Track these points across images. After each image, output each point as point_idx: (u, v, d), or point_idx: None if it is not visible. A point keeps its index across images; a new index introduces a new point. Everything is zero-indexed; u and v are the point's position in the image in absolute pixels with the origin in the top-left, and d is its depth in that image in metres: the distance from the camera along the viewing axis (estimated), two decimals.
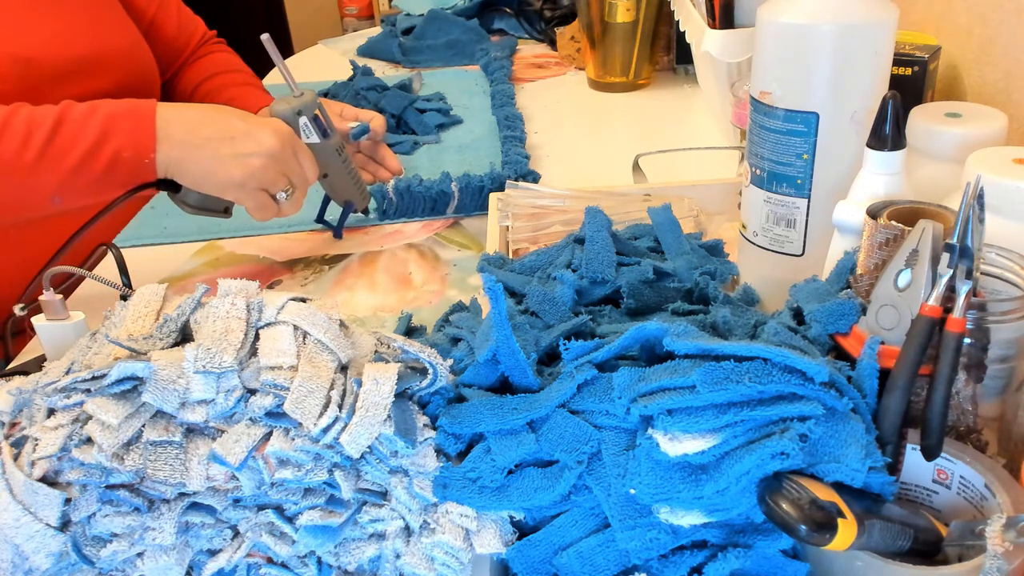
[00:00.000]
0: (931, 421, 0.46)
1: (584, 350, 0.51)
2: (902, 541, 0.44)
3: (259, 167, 0.79)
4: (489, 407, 0.50)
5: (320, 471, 0.47)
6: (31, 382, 0.50)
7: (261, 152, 0.79)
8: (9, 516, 0.45)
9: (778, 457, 0.42)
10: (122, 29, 1.04)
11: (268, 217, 0.83)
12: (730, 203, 0.86)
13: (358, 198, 0.95)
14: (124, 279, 0.78)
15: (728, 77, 1.02)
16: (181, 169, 0.79)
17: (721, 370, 0.44)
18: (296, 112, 0.86)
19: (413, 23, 1.65)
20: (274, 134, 0.80)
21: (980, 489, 0.47)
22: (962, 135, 0.67)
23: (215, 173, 0.79)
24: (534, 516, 0.49)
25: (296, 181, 0.83)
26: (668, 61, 1.42)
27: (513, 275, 0.66)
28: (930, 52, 0.80)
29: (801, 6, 0.61)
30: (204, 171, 0.79)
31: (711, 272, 0.64)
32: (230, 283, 0.51)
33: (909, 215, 0.52)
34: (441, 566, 0.48)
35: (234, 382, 0.47)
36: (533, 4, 1.69)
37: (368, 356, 0.52)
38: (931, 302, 0.47)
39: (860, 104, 0.62)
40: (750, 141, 0.67)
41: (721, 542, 0.46)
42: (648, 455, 0.45)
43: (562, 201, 0.86)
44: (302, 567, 0.49)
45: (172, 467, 0.46)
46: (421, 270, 0.88)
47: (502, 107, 1.24)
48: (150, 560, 0.47)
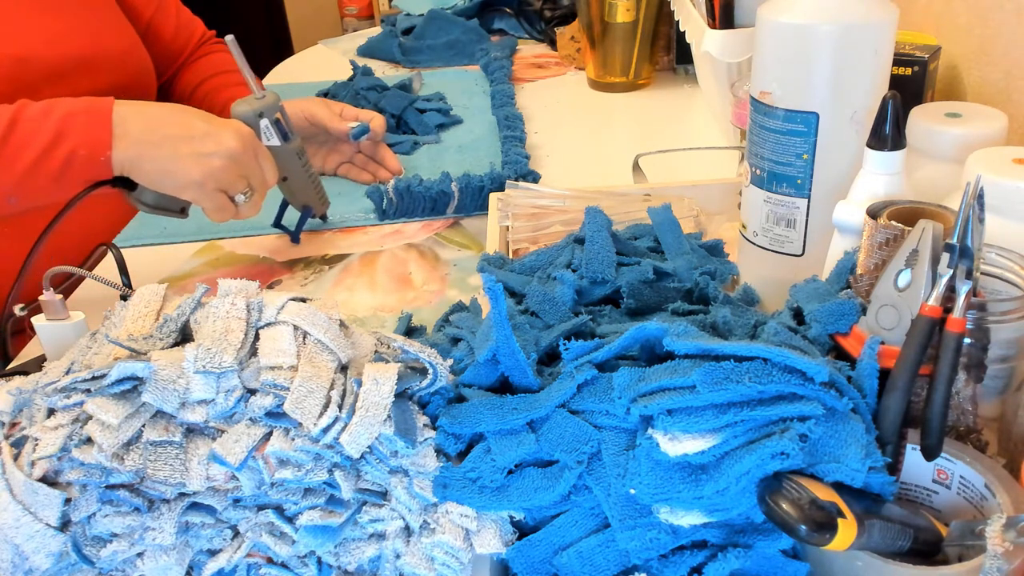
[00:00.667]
0: (931, 421, 0.46)
1: (584, 350, 0.51)
2: (902, 541, 0.44)
3: (219, 168, 0.79)
4: (489, 407, 0.50)
5: (320, 471, 0.47)
6: (31, 382, 0.50)
7: (221, 152, 0.79)
8: (9, 516, 0.45)
9: (778, 457, 0.42)
10: (119, 30, 1.04)
11: (225, 219, 0.83)
12: (730, 203, 0.86)
13: (317, 203, 0.94)
14: (124, 279, 0.78)
15: (728, 77, 1.02)
16: (138, 167, 0.78)
17: (721, 370, 0.44)
18: (257, 114, 0.85)
19: (413, 23, 1.65)
20: (235, 135, 0.80)
21: (980, 489, 0.47)
22: (962, 135, 0.67)
23: (173, 172, 0.78)
24: (534, 516, 0.49)
25: (255, 183, 0.83)
26: (668, 61, 1.42)
27: (513, 275, 0.66)
28: (930, 52, 0.80)
29: (801, 6, 0.61)
30: (162, 169, 0.78)
31: (711, 272, 0.64)
32: (230, 283, 0.51)
33: (909, 215, 0.52)
34: (441, 566, 0.48)
35: (234, 382, 0.47)
36: (533, 4, 1.69)
37: (368, 356, 0.52)
38: (931, 302, 0.47)
39: (860, 104, 0.62)
40: (750, 141, 0.67)
41: (721, 542, 0.46)
42: (648, 455, 0.45)
43: (562, 201, 0.86)
44: (302, 567, 0.49)
45: (172, 467, 0.46)
46: (421, 270, 0.88)
47: (502, 107, 1.24)
48: (150, 560, 0.47)
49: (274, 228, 0.96)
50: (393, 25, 1.67)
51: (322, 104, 1.04)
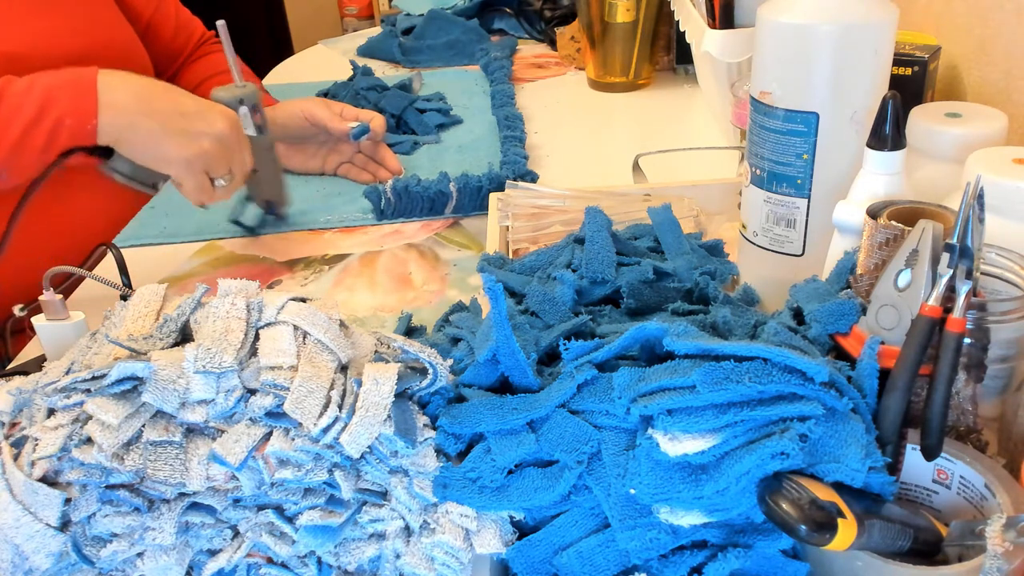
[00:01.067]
0: (931, 421, 0.46)
1: (584, 350, 0.51)
2: (902, 541, 0.44)
3: (207, 149, 0.79)
4: (489, 407, 0.50)
5: (320, 471, 0.47)
6: (31, 382, 0.50)
7: (212, 133, 0.79)
8: (9, 516, 0.45)
9: (778, 457, 0.42)
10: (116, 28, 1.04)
11: (203, 200, 0.83)
12: (730, 203, 0.86)
13: (280, 200, 0.96)
14: (124, 279, 0.78)
15: (728, 77, 1.02)
16: (126, 137, 0.78)
17: (721, 370, 0.44)
18: (238, 100, 0.85)
19: (413, 23, 1.65)
20: (224, 118, 0.80)
21: (980, 489, 0.47)
22: (962, 135, 0.67)
23: (162, 145, 0.78)
24: (534, 516, 0.49)
25: (236, 169, 0.83)
26: (668, 61, 1.42)
27: (513, 275, 0.66)
28: (930, 52, 0.80)
29: (801, 6, 0.61)
30: (150, 142, 0.78)
31: (711, 272, 0.64)
32: (230, 283, 0.51)
33: (909, 215, 0.52)
34: (441, 566, 0.48)
35: (234, 382, 0.47)
36: (533, 4, 1.69)
37: (368, 356, 0.52)
38: (931, 302, 0.47)
39: (860, 104, 0.62)
40: (750, 141, 0.67)
41: (721, 542, 0.46)
42: (648, 455, 0.45)
43: (562, 201, 0.86)
44: (302, 567, 0.49)
45: (172, 467, 0.46)
46: (421, 270, 0.88)
47: (502, 107, 1.24)
48: (150, 560, 0.47)
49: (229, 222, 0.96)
50: (393, 25, 1.67)
51: (322, 104, 1.04)
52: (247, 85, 0.87)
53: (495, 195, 0.89)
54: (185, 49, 1.16)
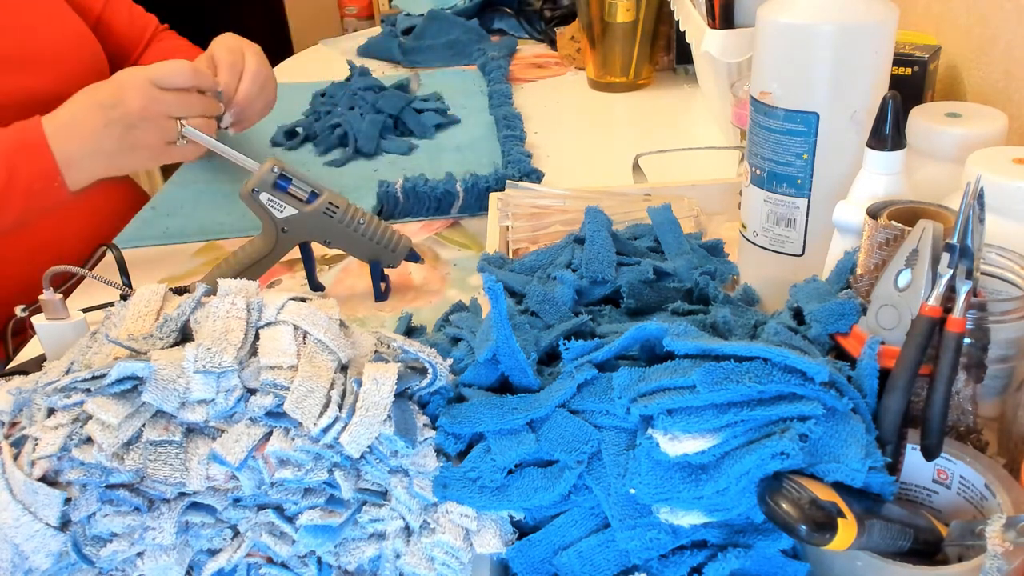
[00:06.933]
0: (931, 421, 0.46)
1: (584, 350, 0.51)
2: (902, 541, 0.44)
3: (142, 135, 0.81)
4: (489, 407, 0.50)
5: (320, 471, 0.47)
6: (31, 382, 0.50)
7: (132, 119, 0.80)
8: (9, 516, 0.45)
9: (778, 457, 0.42)
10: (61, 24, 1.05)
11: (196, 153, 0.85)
12: (730, 203, 0.86)
13: (383, 253, 0.79)
14: (124, 279, 0.78)
15: (728, 77, 1.02)
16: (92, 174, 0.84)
17: (721, 370, 0.44)
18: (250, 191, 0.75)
19: (413, 23, 1.65)
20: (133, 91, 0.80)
21: (980, 489, 0.47)
22: (962, 135, 0.67)
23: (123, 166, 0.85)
24: (534, 516, 0.49)
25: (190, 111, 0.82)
26: (668, 61, 1.42)
27: (513, 275, 0.66)
28: (930, 52, 0.80)
29: (801, 6, 0.61)
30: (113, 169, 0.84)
31: (711, 272, 0.64)
32: (230, 283, 0.51)
33: (909, 215, 0.52)
34: (441, 566, 0.48)
35: (234, 382, 0.47)
36: (533, 4, 1.69)
37: (368, 356, 0.52)
38: (931, 302, 0.47)
39: (860, 104, 0.62)
40: (750, 141, 0.67)
41: (721, 542, 0.46)
42: (648, 455, 0.45)
43: (562, 201, 0.86)
44: (302, 567, 0.49)
45: (172, 467, 0.46)
46: (421, 270, 0.88)
47: (499, 107, 1.24)
48: (150, 560, 0.47)
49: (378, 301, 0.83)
50: (393, 25, 1.67)
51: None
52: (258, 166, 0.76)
53: (495, 195, 0.89)
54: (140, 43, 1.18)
